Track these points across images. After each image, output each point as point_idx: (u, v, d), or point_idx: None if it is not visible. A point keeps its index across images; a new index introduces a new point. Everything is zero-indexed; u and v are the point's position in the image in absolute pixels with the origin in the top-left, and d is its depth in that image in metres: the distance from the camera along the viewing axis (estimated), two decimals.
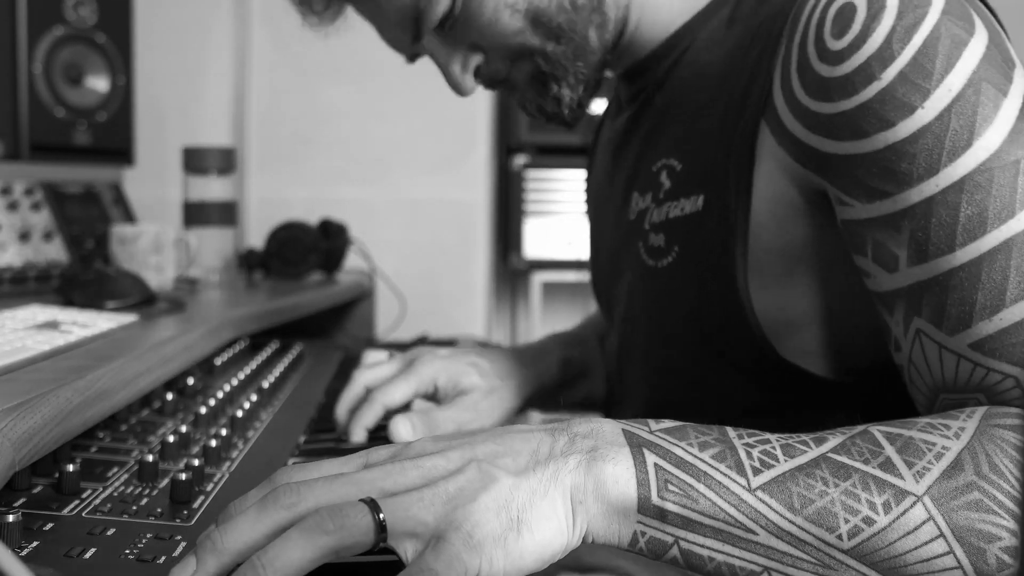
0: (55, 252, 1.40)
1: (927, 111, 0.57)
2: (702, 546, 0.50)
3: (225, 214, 1.53)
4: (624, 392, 0.86)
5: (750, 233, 0.68)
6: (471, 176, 2.28)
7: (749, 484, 0.50)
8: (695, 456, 0.51)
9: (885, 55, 0.58)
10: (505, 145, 2.28)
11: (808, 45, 0.63)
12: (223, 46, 2.20)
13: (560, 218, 2.20)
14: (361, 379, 0.86)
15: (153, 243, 1.36)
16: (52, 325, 0.90)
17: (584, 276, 2.16)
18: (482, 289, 2.29)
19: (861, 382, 0.71)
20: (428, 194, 2.26)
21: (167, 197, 1.85)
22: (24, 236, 1.37)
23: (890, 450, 0.51)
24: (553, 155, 2.22)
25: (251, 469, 0.70)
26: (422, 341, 1.44)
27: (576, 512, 0.49)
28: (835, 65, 0.60)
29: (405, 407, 0.87)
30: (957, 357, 0.58)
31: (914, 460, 0.51)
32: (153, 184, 1.85)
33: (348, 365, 1.18)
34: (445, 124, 2.24)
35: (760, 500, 0.49)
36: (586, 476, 0.49)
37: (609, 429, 0.52)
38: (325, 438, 0.84)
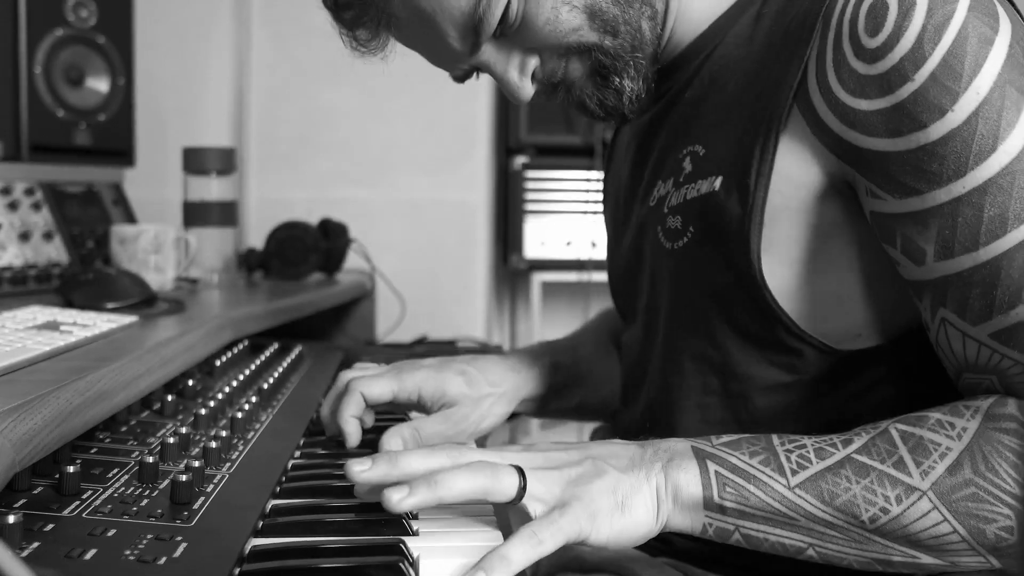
0: (55, 252, 1.40)
1: (956, 114, 0.61)
2: (757, 530, 0.64)
3: (225, 214, 1.53)
4: (647, 380, 0.86)
5: (766, 214, 0.70)
6: (471, 177, 2.28)
7: (789, 483, 0.63)
8: (746, 463, 0.64)
9: (917, 56, 0.62)
10: (505, 146, 2.28)
11: (843, 41, 0.65)
12: (223, 47, 2.20)
13: (560, 218, 2.20)
14: (345, 378, 0.86)
15: (153, 243, 1.37)
16: (52, 326, 0.90)
17: (584, 276, 2.16)
18: (482, 289, 2.29)
19: (883, 358, 0.73)
20: (428, 195, 2.26)
21: (167, 197, 1.84)
22: (24, 236, 1.37)
23: (903, 450, 0.62)
24: (553, 156, 2.22)
25: (251, 470, 0.70)
26: (422, 342, 1.45)
27: (660, 506, 0.63)
28: (871, 63, 0.64)
29: (394, 415, 0.87)
30: (978, 344, 0.65)
31: (922, 459, 0.62)
32: (153, 184, 1.84)
33: (348, 366, 1.18)
34: (445, 125, 2.24)
35: (798, 495, 0.62)
36: (666, 481, 0.64)
37: (681, 447, 0.66)
38: (325, 439, 0.84)
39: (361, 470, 0.61)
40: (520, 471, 0.60)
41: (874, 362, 0.73)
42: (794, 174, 0.69)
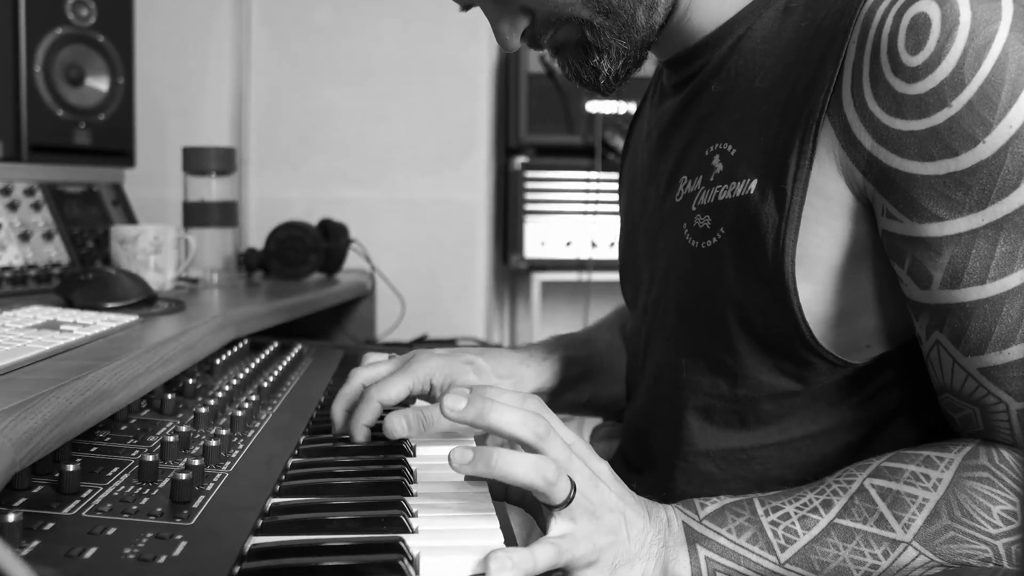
0: (55, 252, 1.40)
1: (987, 146, 0.61)
2: None
3: (225, 214, 1.53)
4: (648, 373, 0.87)
5: (801, 223, 0.70)
6: (471, 177, 2.28)
7: (779, 560, 0.65)
8: (734, 543, 0.66)
9: (956, 81, 0.61)
10: (505, 146, 2.28)
11: (881, 54, 0.64)
12: (223, 46, 2.20)
13: (560, 218, 2.20)
14: (358, 377, 0.86)
15: (153, 243, 1.37)
16: (52, 325, 0.90)
17: (584, 276, 2.16)
18: (482, 289, 2.29)
19: (890, 364, 0.73)
20: (428, 195, 2.26)
21: (167, 197, 1.85)
22: (24, 236, 1.37)
23: (882, 506, 0.66)
24: (553, 156, 2.22)
25: (251, 468, 0.70)
26: (422, 341, 1.45)
27: None
28: (910, 83, 0.62)
29: (403, 405, 0.87)
30: (966, 374, 0.66)
31: (901, 514, 0.65)
32: (153, 184, 1.85)
33: (348, 365, 1.18)
34: (445, 125, 2.24)
35: (790, 571, 0.65)
36: (662, 572, 0.66)
37: (676, 526, 0.68)
38: (325, 437, 0.84)
39: (452, 406, 0.61)
40: (574, 489, 0.61)
41: (882, 369, 0.73)
42: (825, 187, 0.69)
